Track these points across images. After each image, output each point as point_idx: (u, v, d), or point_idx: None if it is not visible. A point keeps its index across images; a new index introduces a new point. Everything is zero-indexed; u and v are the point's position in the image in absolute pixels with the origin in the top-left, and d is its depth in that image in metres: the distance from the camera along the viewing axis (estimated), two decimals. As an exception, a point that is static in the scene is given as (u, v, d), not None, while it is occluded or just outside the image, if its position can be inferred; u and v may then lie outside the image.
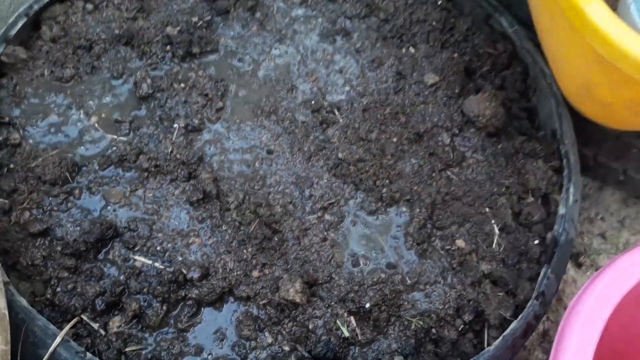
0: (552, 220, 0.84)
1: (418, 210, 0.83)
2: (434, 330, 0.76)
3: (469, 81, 1.00)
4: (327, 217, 0.82)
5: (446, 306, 0.78)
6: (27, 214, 0.79)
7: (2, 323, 0.62)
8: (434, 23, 1.04)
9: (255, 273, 0.78)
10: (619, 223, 1.14)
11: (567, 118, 0.90)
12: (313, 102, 0.92)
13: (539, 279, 0.77)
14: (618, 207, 1.15)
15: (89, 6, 1.00)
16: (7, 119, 0.87)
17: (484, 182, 0.88)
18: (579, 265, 1.09)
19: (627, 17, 0.86)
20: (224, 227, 0.80)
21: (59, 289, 0.74)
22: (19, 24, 0.94)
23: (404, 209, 0.84)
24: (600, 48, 0.65)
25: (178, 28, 0.96)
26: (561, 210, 0.82)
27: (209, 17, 1.00)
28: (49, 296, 0.74)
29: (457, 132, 0.92)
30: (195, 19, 0.99)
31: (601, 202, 1.16)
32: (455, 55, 1.01)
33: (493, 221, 0.84)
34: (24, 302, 0.70)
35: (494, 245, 0.82)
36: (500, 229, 0.84)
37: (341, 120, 0.91)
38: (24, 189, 0.81)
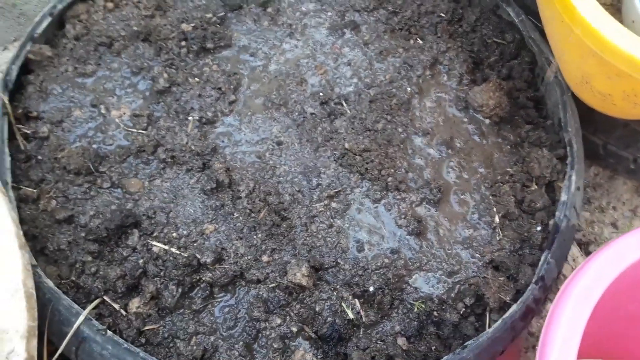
0: (555, 208, 0.85)
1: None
2: (435, 313, 0.79)
3: (476, 71, 1.02)
4: (333, 205, 0.86)
5: (448, 290, 0.80)
6: (53, 202, 0.84)
7: (30, 302, 0.68)
8: (442, 14, 1.06)
9: (265, 258, 0.82)
10: (631, 212, 1.15)
11: (571, 106, 0.91)
12: (322, 94, 0.95)
13: (540, 263, 0.79)
14: (630, 196, 1.16)
15: (110, 4, 1.05)
16: (35, 113, 0.92)
17: (488, 169, 0.90)
18: (589, 255, 1.10)
19: (631, 9, 0.87)
20: (235, 215, 0.84)
21: (83, 272, 0.80)
22: (44, 23, 0.99)
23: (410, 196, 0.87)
24: (590, 42, 0.67)
25: (192, 24, 1.00)
26: (563, 197, 0.84)
27: (222, 13, 1.04)
28: (73, 279, 0.79)
29: (465, 121, 0.94)
30: (209, 15, 1.03)
31: (613, 191, 1.16)
32: (463, 45, 1.03)
33: (495, 208, 0.86)
34: (50, 283, 0.75)
35: (495, 232, 0.84)
36: (502, 216, 0.86)
37: (349, 112, 0.94)
38: (51, 179, 0.86)
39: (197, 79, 0.96)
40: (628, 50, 0.65)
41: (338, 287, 0.80)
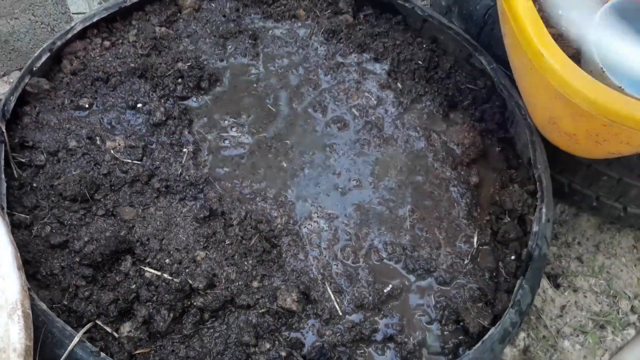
0: (527, 239, 0.92)
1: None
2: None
3: (450, 114, 1.10)
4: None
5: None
6: (48, 227, 0.86)
7: (27, 321, 0.69)
8: (419, 62, 1.15)
9: (255, 283, 0.84)
10: (595, 247, 1.22)
11: (540, 146, 0.99)
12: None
13: (515, 289, 0.84)
14: (593, 232, 1.24)
15: (107, 43, 1.10)
16: (31, 143, 0.95)
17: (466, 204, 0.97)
18: (557, 286, 1.16)
19: (590, 61, 0.96)
20: (227, 242, 0.87)
21: (76, 296, 0.81)
22: (43, 58, 1.03)
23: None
24: (559, 87, 0.75)
25: (188, 64, 1.06)
26: (535, 228, 0.90)
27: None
28: (66, 303, 0.80)
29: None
30: (203, 57, 1.09)
31: (577, 227, 1.24)
32: (439, 89, 1.11)
33: (473, 239, 0.92)
34: (43, 306, 0.76)
35: (471, 262, 0.90)
36: (479, 246, 0.91)
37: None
38: (46, 205, 0.88)
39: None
40: (589, 94, 0.73)
41: (326, 312, 0.84)
